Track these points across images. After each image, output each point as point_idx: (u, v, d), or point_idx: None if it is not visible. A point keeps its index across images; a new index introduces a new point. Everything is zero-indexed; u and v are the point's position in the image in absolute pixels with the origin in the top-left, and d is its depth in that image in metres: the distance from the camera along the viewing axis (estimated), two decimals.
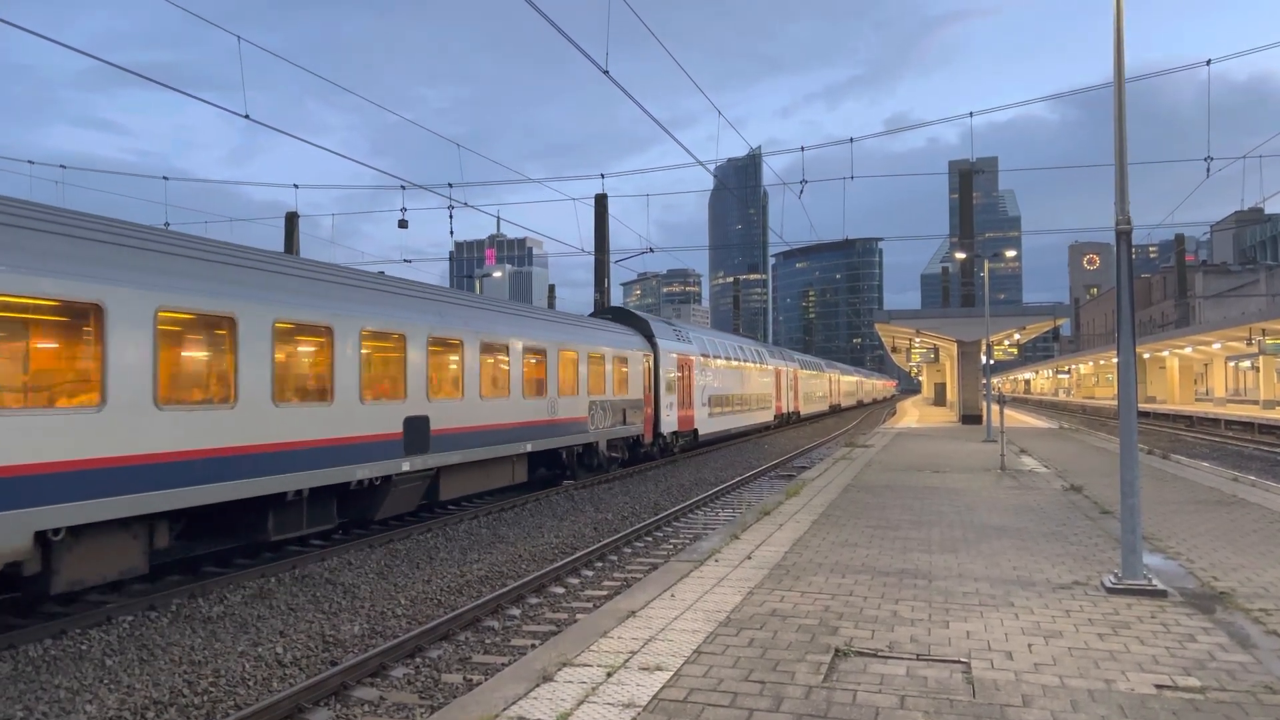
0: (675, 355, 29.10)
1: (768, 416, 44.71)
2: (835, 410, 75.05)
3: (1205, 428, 47.58)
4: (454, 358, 16.21)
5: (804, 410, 57.54)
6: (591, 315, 28.47)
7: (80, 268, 9.34)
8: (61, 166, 30.65)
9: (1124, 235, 8.53)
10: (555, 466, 21.57)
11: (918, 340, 49.43)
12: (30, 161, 29.06)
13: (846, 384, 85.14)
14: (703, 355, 32.69)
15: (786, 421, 51.45)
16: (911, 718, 5.09)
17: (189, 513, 11.12)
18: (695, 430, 31.48)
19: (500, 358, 17.83)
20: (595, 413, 22.11)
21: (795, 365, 54.75)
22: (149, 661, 8.53)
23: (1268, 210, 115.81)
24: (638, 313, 28.81)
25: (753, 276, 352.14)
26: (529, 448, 18.74)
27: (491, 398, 17.21)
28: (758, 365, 42.77)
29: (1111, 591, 8.03)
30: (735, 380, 37.94)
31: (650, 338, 27.59)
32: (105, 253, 9.77)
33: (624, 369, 24.42)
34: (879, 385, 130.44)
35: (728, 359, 36.86)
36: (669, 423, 28.16)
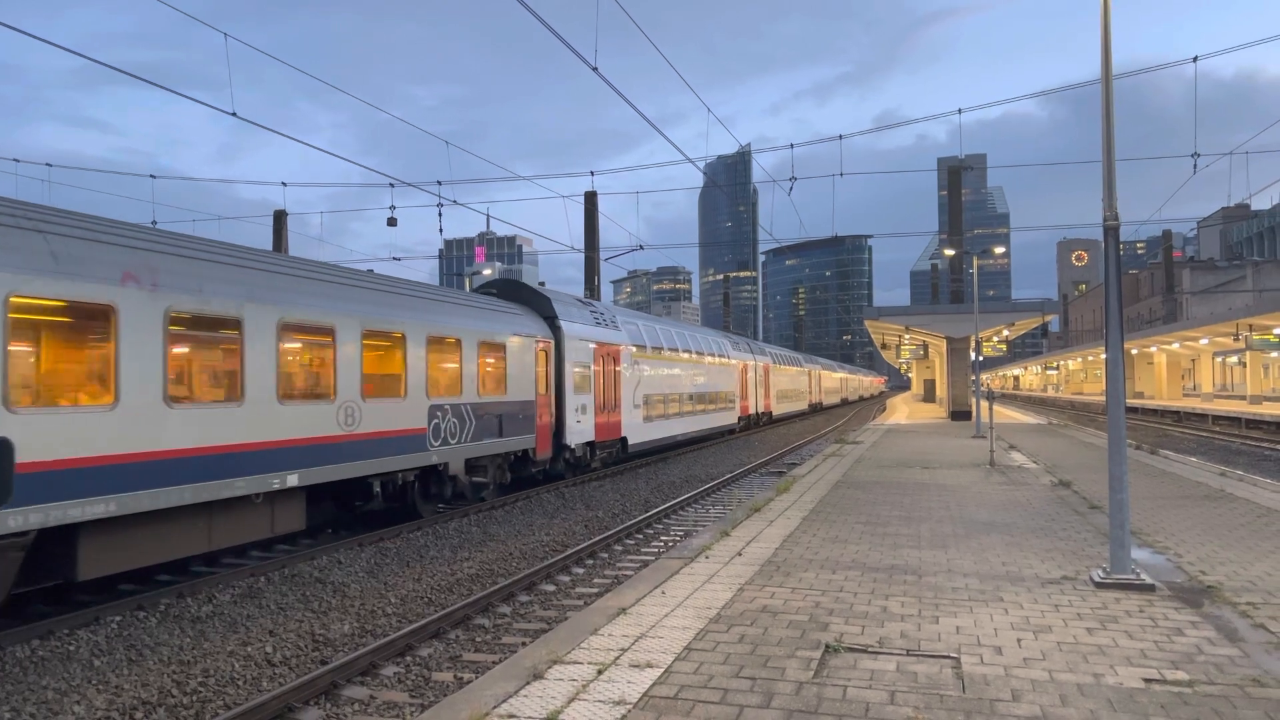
0: (592, 344, 23.11)
1: (730, 419, 38.66)
2: (816, 409, 69.88)
3: (1193, 423, 47.84)
4: (93, 337, 9.89)
5: (778, 410, 51.64)
6: (475, 290, 22.31)
7: None
8: (48, 165, 30.48)
9: (1112, 231, 8.57)
10: (393, 500, 15.60)
11: (907, 337, 49.56)
12: (16, 160, 28.89)
13: (829, 380, 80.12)
14: (636, 345, 26.86)
15: (755, 424, 45.76)
16: (901, 713, 5.10)
17: None
18: (623, 439, 25.52)
19: (221, 335, 11.37)
20: (442, 422, 15.90)
21: (767, 359, 49.00)
22: (137, 662, 8.49)
23: (1254, 206, 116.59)
24: (540, 288, 22.82)
25: (743, 274, 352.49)
26: (294, 480, 12.30)
27: (194, 403, 10.94)
28: (717, 358, 37.04)
29: (1100, 586, 8.06)
30: (684, 376, 32.01)
31: (551, 319, 21.47)
32: None
33: (499, 361, 18.15)
34: (866, 382, 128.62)
35: (674, 350, 31.10)
36: (580, 431, 22.08)
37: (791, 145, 27.62)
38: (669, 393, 30.03)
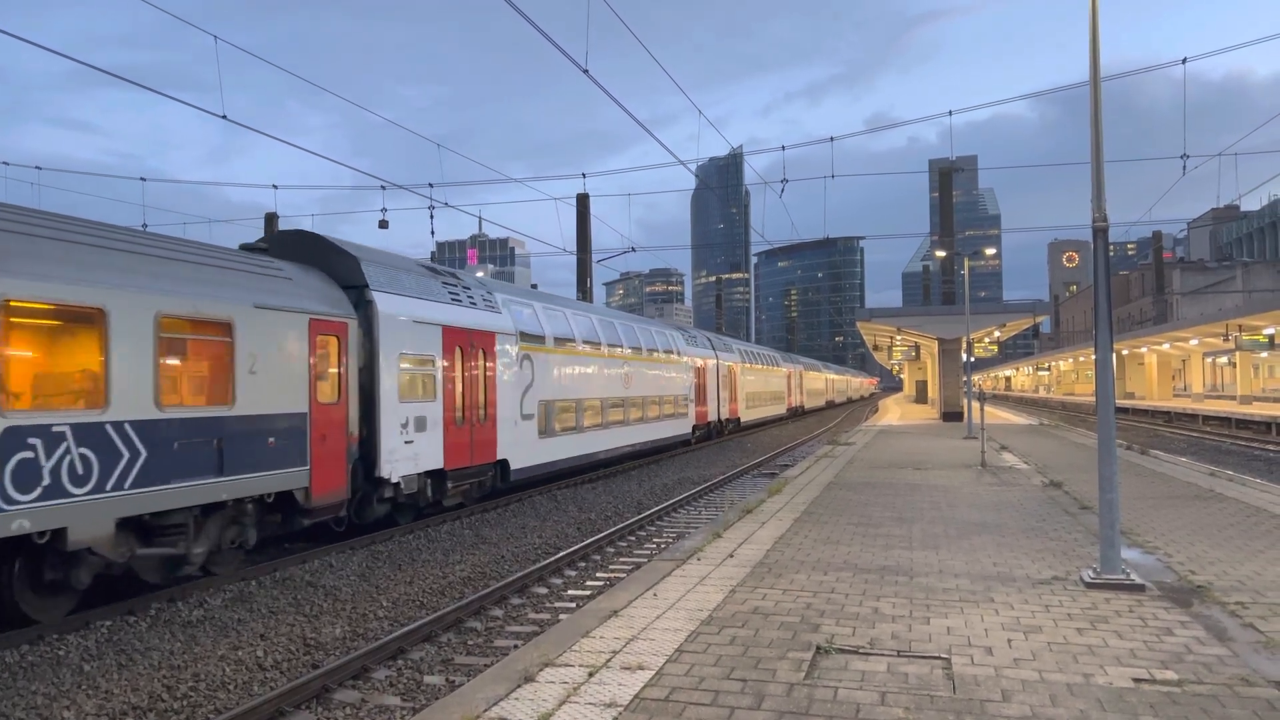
0: (438, 329, 16.25)
1: (680, 428, 31.80)
2: (797, 414, 62.98)
3: (1183, 423, 48.03)
4: None
5: (748, 416, 44.91)
6: (246, 245, 14.26)
7: None
8: (37, 168, 30.44)
9: (1101, 233, 8.60)
10: None
11: (899, 338, 49.66)
12: (5, 163, 28.84)
13: (812, 382, 73.43)
14: (528, 335, 20.15)
15: (718, 433, 39.10)
16: (892, 714, 5.11)
17: None
18: (501, 462, 18.58)
19: None
20: (45, 457, 9.04)
21: (734, 357, 42.29)
22: (127, 666, 8.46)
23: (1244, 207, 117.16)
24: (344, 244, 15.35)
25: (735, 276, 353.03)
26: None
27: None
28: (660, 355, 29.90)
29: (1090, 586, 8.09)
30: (608, 376, 25.02)
31: (359, 289, 14.60)
32: None
33: (219, 348, 11.54)
34: (855, 383, 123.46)
35: (592, 343, 24.21)
36: (411, 456, 15.14)
37: (783, 147, 27.70)
38: (582, 398, 23.14)
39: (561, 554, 13.21)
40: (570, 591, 11.73)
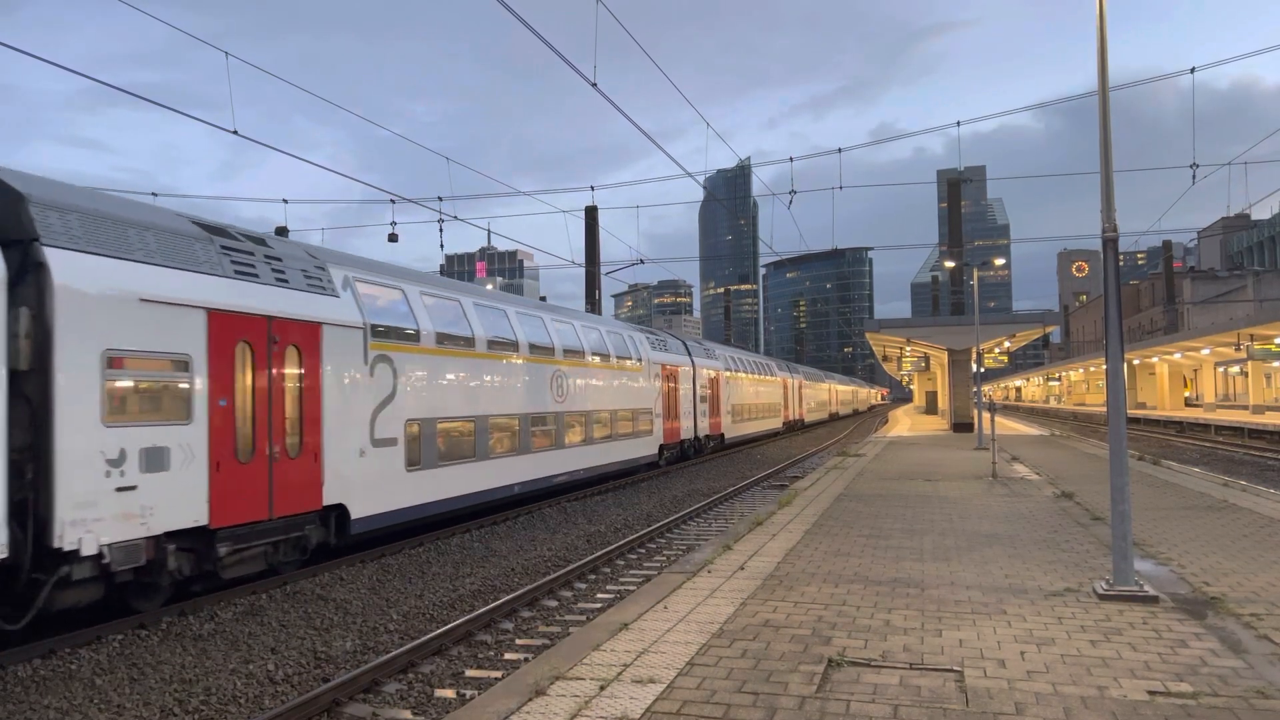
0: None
1: (643, 448, 24.97)
2: (795, 428, 50.12)
3: (1195, 433, 47.76)
4: None
5: (735, 432, 36.71)
6: None
7: None
8: None
9: (1110, 243, 8.59)
10: None
11: (908, 349, 49.59)
12: None
13: (814, 393, 58.13)
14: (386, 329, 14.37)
15: (696, 451, 31.61)
16: None
17: None
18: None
19: None
20: None
21: (717, 364, 34.16)
22: (139, 680, 8.47)
23: (1254, 216, 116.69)
24: None
25: (744, 287, 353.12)
26: None
27: None
28: (613, 360, 23.29)
29: (1103, 598, 8.04)
30: (528, 385, 19.26)
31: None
32: None
33: None
34: (863, 394, 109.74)
35: (501, 344, 18.18)
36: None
37: (791, 159, 27.69)
38: (480, 414, 17.31)
39: (571, 567, 13.19)
40: (580, 605, 11.71)
